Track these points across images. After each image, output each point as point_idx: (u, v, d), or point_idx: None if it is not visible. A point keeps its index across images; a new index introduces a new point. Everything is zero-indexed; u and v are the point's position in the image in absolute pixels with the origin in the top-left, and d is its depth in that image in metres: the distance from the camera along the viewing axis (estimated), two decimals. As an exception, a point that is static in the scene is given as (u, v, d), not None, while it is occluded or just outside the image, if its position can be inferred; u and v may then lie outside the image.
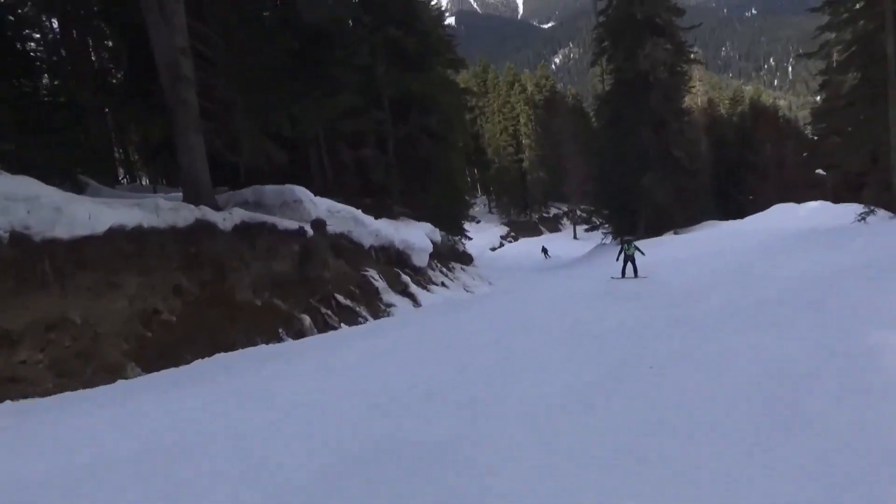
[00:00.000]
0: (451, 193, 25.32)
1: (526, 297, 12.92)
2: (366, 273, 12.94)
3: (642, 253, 17.57)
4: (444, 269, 18.53)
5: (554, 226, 68.28)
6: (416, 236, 16.40)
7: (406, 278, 14.40)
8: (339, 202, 13.99)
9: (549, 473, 3.11)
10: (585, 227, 48.83)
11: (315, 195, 13.08)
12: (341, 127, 17.14)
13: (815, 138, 36.07)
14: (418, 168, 21.55)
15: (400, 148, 20.44)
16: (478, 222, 61.80)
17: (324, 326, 10.32)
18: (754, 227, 24.48)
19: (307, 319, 9.75)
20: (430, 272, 17.10)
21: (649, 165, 30.25)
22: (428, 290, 15.47)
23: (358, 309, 11.55)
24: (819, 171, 33.08)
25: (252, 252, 9.57)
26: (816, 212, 25.92)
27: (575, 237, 56.73)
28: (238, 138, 10.31)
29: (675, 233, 30.99)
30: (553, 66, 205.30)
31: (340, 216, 13.30)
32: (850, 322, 5.87)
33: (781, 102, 56.51)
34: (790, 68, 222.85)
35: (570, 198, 59.45)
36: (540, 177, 65.88)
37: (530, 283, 20.24)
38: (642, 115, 30.50)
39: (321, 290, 11.06)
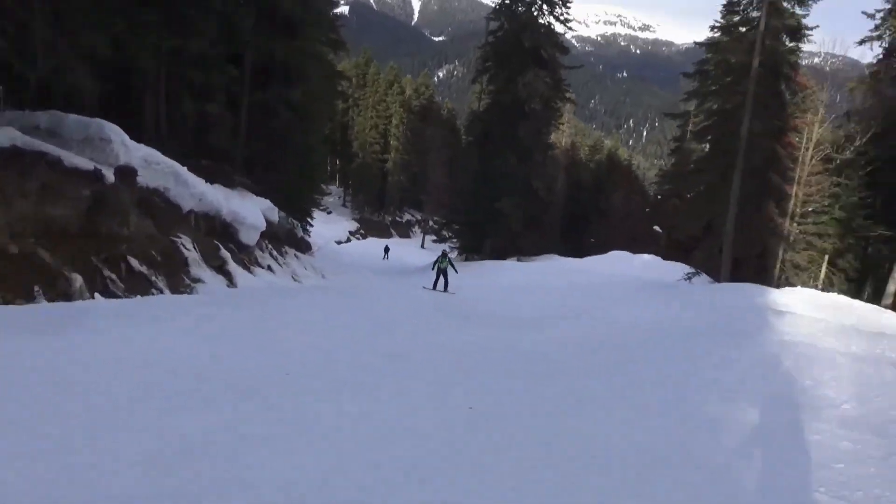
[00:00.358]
0: (305, 175, 23.66)
1: (354, 302, 11.93)
2: (176, 239, 11.21)
3: (455, 270, 18.48)
4: (276, 253, 16.99)
5: (405, 231, 68.13)
6: (249, 211, 14.77)
7: (226, 254, 12.76)
8: (168, 157, 12.16)
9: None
10: (434, 238, 49.07)
11: (140, 143, 11.23)
12: (187, 75, 15.18)
13: (659, 197, 38.85)
14: (271, 140, 19.80)
15: (254, 114, 18.58)
16: (329, 213, 59.99)
17: (103, 291, 8.57)
18: (592, 269, 25.49)
19: (78, 280, 7.97)
20: (259, 252, 15.51)
21: (508, 190, 30.63)
22: (250, 272, 13.92)
23: (154, 279, 9.84)
24: (656, 227, 35.62)
25: (18, 186, 7.65)
26: (648, 264, 27.63)
27: (423, 246, 56.77)
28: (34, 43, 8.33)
29: (518, 259, 31.63)
30: (436, 79, 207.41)
31: (159, 169, 11.45)
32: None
33: (633, 161, 60.82)
34: (645, 132, 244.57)
35: (426, 207, 59.71)
36: (400, 180, 65.50)
37: (366, 284, 19.28)
38: (511, 142, 30.87)
39: (111, 248, 9.26)
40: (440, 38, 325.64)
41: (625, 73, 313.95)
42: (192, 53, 14.53)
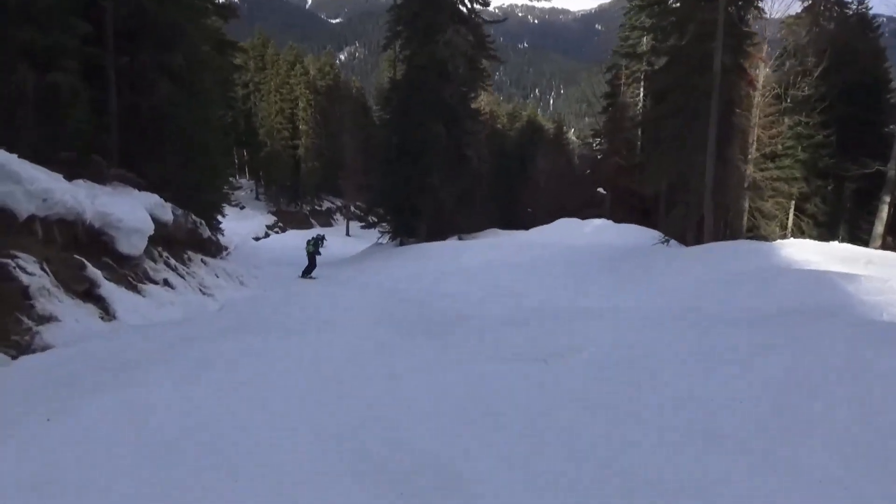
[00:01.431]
0: (205, 165, 19.65)
1: (286, 318, 8.58)
2: (6, 262, 7.52)
3: (319, 252, 19.57)
4: (175, 262, 13.25)
5: (326, 220, 64.10)
6: (129, 210, 10.99)
7: (95, 273, 9.08)
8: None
9: None
10: (361, 224, 45.82)
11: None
12: (18, 35, 11.20)
13: (599, 157, 36.91)
14: (153, 122, 15.94)
15: (124, 87, 14.63)
16: (242, 208, 55.57)
17: None
18: (542, 241, 22.94)
19: None
20: (150, 264, 11.80)
21: (437, 163, 27.59)
22: (137, 292, 10.28)
23: (-37, 326, 6.23)
24: (600, 189, 33.55)
25: None
26: (601, 230, 25.40)
27: (347, 234, 53.21)
28: None
29: (460, 238, 28.82)
30: (338, 62, 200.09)
31: (-32, 159, 7.71)
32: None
33: (557, 124, 59.11)
34: (552, 100, 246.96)
35: (345, 192, 56.23)
36: (315, 167, 61.28)
37: (296, 286, 15.91)
38: (435, 108, 27.73)
39: None
40: (337, 21, 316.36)
41: (525, 44, 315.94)
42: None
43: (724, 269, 11.79)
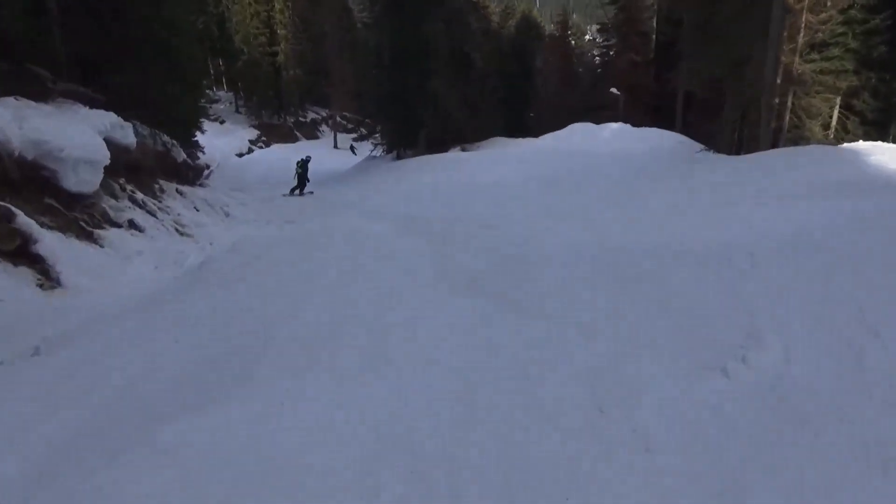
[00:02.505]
0: (174, 73, 16.62)
1: (309, 303, 6.24)
2: None
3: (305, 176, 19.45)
4: (144, 195, 10.91)
5: (311, 132, 60.60)
6: (74, 136, 8.51)
7: (29, 223, 6.82)
8: None
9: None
10: (353, 136, 42.96)
11: None
12: None
13: (612, 53, 33.64)
14: (118, 24, 13.18)
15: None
16: (222, 122, 52.14)
17: None
18: (561, 149, 20.55)
19: None
20: (110, 202, 9.47)
21: (439, 66, 24.62)
22: (94, 241, 8.05)
23: None
24: (613, 90, 30.59)
25: None
26: (620, 134, 22.94)
27: (335, 146, 50.13)
28: None
29: (463, 149, 26.29)
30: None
31: None
32: None
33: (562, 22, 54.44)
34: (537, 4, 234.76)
35: (332, 102, 52.72)
36: (297, 75, 57.11)
37: (295, 213, 13.68)
38: (432, 2, 24.44)
39: None
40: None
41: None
42: None
43: (809, 182, 9.69)
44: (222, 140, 45.13)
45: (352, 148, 36.89)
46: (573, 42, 47.63)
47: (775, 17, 14.00)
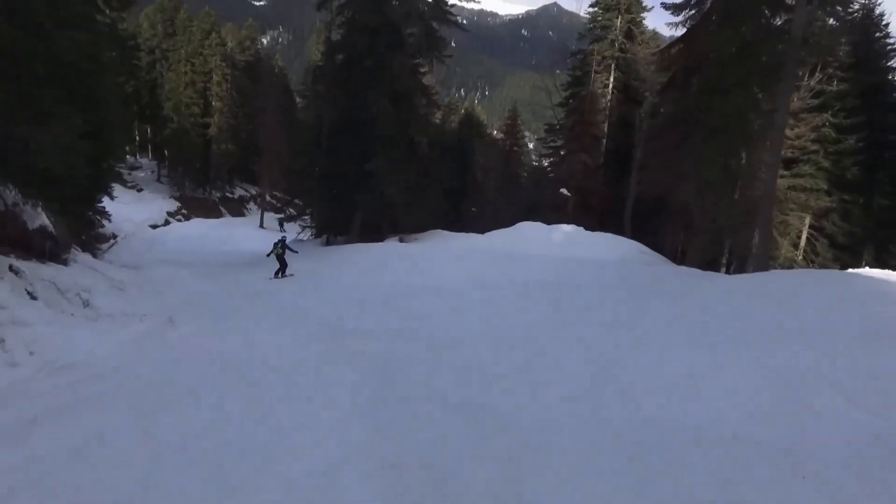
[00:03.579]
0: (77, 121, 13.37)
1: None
2: None
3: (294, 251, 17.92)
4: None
5: (239, 209, 57.42)
6: None
7: None
8: None
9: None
10: (280, 216, 40.32)
11: None
12: None
13: (562, 153, 32.80)
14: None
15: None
16: (140, 190, 48.65)
17: None
18: (514, 250, 18.44)
19: None
20: None
21: (381, 146, 22.62)
22: None
23: None
24: (563, 190, 29.39)
25: None
26: (572, 238, 21.15)
27: (262, 225, 47.21)
28: None
29: (401, 239, 23.98)
30: (260, 45, 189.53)
31: None
32: None
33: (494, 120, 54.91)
34: (477, 100, 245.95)
35: (262, 179, 50.32)
36: (228, 149, 54.54)
37: (185, 308, 10.65)
38: (381, 80, 22.72)
39: None
40: (261, 3, 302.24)
41: (453, 44, 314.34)
42: None
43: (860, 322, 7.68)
44: (138, 208, 41.81)
45: (280, 224, 34.57)
46: (517, 141, 47.50)
47: (778, 125, 12.74)
